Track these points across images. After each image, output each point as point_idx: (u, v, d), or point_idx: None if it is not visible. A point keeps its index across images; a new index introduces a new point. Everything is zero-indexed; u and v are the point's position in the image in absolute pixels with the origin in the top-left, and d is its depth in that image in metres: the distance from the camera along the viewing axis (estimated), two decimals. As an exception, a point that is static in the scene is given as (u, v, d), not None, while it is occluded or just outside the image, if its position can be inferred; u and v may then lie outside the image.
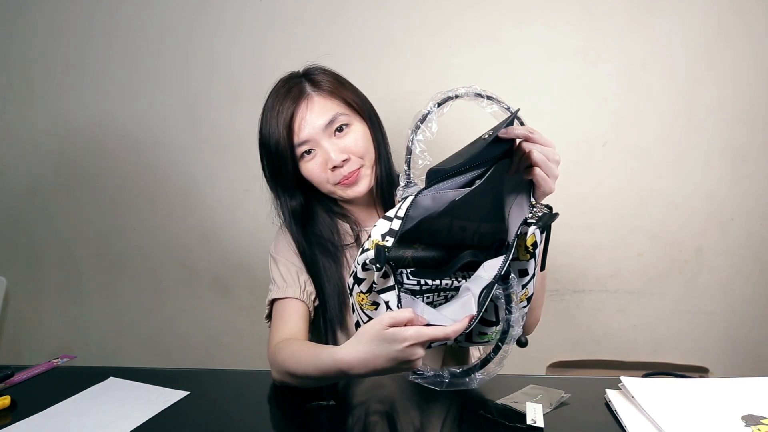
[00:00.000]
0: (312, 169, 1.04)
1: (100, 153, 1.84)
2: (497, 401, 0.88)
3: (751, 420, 0.78)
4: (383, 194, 1.11)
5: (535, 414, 0.83)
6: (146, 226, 1.86)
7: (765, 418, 0.79)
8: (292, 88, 1.05)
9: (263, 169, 1.10)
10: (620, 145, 1.65)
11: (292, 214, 1.09)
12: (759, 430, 0.76)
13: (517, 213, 0.82)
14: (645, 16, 1.59)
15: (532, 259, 0.79)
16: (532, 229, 0.79)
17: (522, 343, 0.84)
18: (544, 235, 0.80)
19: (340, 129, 1.03)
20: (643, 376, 0.95)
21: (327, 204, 1.14)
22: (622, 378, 0.90)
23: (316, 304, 1.11)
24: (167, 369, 1.10)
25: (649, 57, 1.60)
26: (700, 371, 1.68)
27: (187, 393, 0.96)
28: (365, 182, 1.06)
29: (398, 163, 1.14)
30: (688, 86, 1.61)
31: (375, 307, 0.82)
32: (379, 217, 0.88)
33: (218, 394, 0.98)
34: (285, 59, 1.73)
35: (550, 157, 0.83)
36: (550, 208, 0.83)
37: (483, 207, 0.83)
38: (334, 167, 1.02)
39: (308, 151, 1.04)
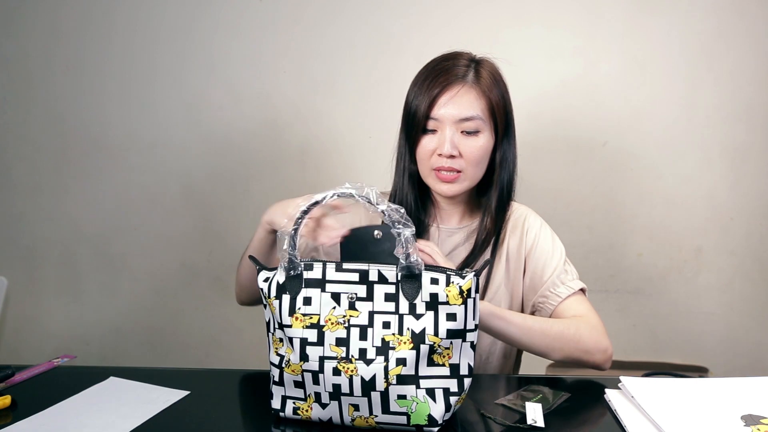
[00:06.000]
0: (424, 145, 1.06)
1: (100, 153, 1.84)
2: (497, 401, 0.88)
3: (750, 420, 0.78)
4: (493, 218, 1.10)
5: (535, 414, 0.83)
6: (146, 226, 1.86)
7: (764, 417, 0.79)
8: (457, 67, 1.05)
9: (402, 120, 1.10)
10: (620, 145, 1.65)
11: (410, 176, 1.11)
12: (758, 429, 0.76)
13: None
14: (645, 16, 1.59)
15: (463, 306, 0.76)
16: (470, 275, 0.77)
17: None
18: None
19: (469, 131, 1.04)
20: (642, 376, 0.95)
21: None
22: (622, 378, 0.90)
23: None
24: (167, 369, 1.10)
25: (649, 57, 1.60)
26: (700, 371, 1.68)
27: (187, 393, 0.95)
28: (458, 188, 1.06)
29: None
30: (688, 86, 1.61)
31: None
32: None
33: (218, 394, 0.98)
34: (285, 59, 1.75)
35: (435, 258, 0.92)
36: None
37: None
38: (440, 155, 1.04)
39: (433, 130, 1.05)
